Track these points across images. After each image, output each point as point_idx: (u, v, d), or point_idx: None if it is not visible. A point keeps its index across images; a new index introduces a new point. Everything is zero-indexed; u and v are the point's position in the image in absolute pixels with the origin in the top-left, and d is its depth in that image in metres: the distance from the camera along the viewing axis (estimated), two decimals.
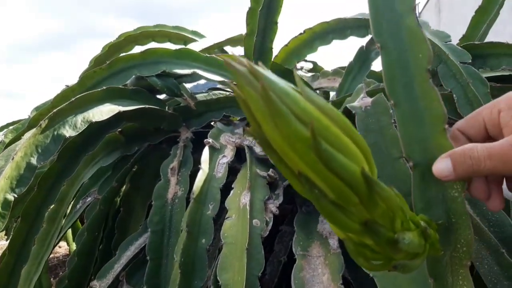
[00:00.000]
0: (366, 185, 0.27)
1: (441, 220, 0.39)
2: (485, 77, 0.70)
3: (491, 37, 0.92)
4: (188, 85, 1.02)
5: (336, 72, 1.13)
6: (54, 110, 0.71)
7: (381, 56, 0.46)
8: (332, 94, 1.10)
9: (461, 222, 0.39)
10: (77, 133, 0.72)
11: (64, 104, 0.72)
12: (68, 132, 0.71)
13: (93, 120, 0.73)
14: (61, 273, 2.23)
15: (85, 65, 1.19)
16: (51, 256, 2.24)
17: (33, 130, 0.70)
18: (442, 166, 0.36)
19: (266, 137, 0.26)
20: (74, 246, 1.51)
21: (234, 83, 0.25)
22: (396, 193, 0.31)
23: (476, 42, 0.81)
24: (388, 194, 0.29)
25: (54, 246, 0.88)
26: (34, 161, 0.69)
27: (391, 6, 0.48)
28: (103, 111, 0.75)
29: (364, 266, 0.33)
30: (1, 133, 1.36)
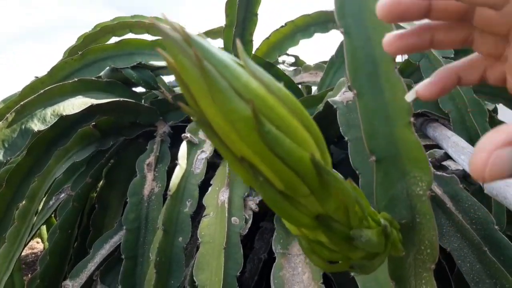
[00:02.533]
0: (316, 174, 0.24)
1: (405, 219, 0.38)
2: None
3: None
4: (167, 79, 0.98)
5: (318, 66, 1.11)
6: (22, 103, 0.67)
7: (344, 42, 0.43)
8: (314, 88, 1.08)
9: (425, 222, 0.37)
10: (47, 126, 0.68)
11: (33, 97, 0.68)
12: (36, 126, 0.68)
13: (64, 114, 0.69)
14: (39, 269, 2.18)
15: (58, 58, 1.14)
16: (28, 252, 2.18)
17: None
18: (504, 163, 0.19)
19: (204, 116, 0.22)
20: (48, 244, 1.47)
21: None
22: (354, 186, 0.29)
23: None
24: (341, 185, 0.26)
25: (26, 244, 0.84)
26: (0, 156, 0.65)
27: None
28: (75, 104, 0.71)
29: (319, 265, 0.31)
30: None
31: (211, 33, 1.16)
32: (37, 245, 2.38)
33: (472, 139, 0.63)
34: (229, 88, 0.21)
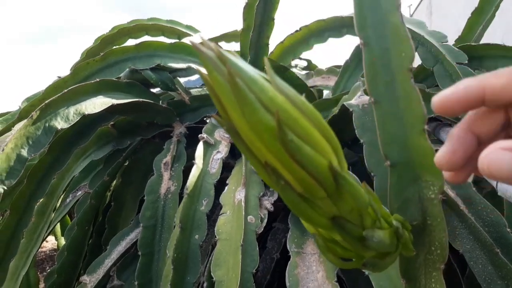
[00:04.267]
0: (333, 179, 0.26)
1: (416, 221, 0.39)
2: None
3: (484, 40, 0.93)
4: (184, 80, 1.01)
5: (331, 70, 1.13)
6: (46, 101, 0.69)
7: (364, 52, 0.46)
8: (326, 92, 1.09)
9: (436, 224, 0.38)
10: (69, 125, 0.70)
11: (56, 96, 0.70)
12: (60, 124, 0.70)
13: (86, 113, 0.71)
14: (47, 267, 2.20)
15: (72, 59, 1.17)
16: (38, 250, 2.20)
17: (24, 121, 0.69)
18: (502, 163, 0.23)
19: (234, 125, 0.25)
20: (62, 241, 1.49)
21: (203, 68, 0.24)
22: (368, 190, 0.31)
23: (472, 43, 0.81)
24: (356, 190, 0.28)
25: (43, 240, 0.86)
26: (24, 153, 0.68)
27: (376, 3, 0.47)
28: (96, 104, 0.73)
29: (334, 262, 0.33)
30: None
31: (226, 37, 1.18)
32: (46, 244, 2.41)
33: None
34: (256, 101, 0.24)
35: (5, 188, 0.66)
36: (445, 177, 0.32)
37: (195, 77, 1.13)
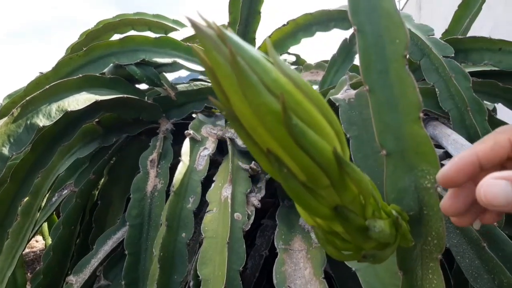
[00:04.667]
0: (337, 166, 0.25)
1: (412, 211, 0.39)
2: (467, 72, 0.70)
3: (470, 33, 0.93)
4: (170, 78, 0.99)
5: (319, 65, 1.12)
6: (27, 98, 0.67)
7: (357, 40, 0.45)
8: (314, 87, 1.09)
9: (432, 214, 0.38)
10: (52, 122, 0.69)
11: (38, 92, 0.68)
12: (42, 121, 0.68)
13: (69, 109, 0.70)
14: (38, 268, 2.18)
15: (58, 55, 1.14)
16: (27, 251, 2.19)
17: (5, 119, 0.67)
18: (497, 190, 0.26)
19: (233, 110, 0.24)
20: (50, 241, 1.48)
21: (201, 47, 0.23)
22: (369, 180, 0.30)
23: (459, 37, 0.81)
24: (360, 177, 0.27)
25: (29, 240, 0.85)
26: (5, 151, 0.66)
27: None
28: (80, 100, 0.72)
29: (333, 254, 0.32)
30: None
31: None
32: (36, 244, 2.39)
33: (472, 138, 0.64)
34: (259, 82, 0.22)
35: None
36: (452, 221, 0.34)
37: (185, 73, 1.12)
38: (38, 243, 2.40)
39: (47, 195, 0.92)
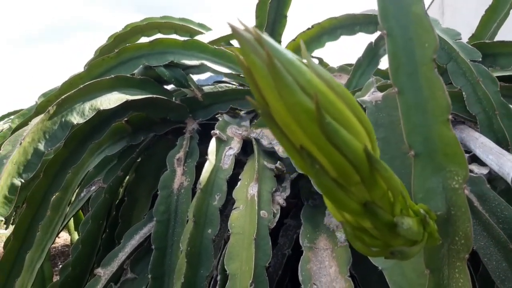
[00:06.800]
0: (368, 163, 0.26)
1: (440, 211, 0.39)
2: (495, 76, 0.70)
3: (497, 38, 0.92)
4: (197, 77, 1.01)
5: (342, 68, 1.13)
6: (62, 97, 0.70)
7: (387, 43, 0.46)
8: None
9: (460, 214, 0.38)
10: (85, 120, 0.72)
11: (73, 91, 0.71)
12: (76, 119, 0.71)
13: (101, 108, 0.72)
14: (59, 263, 2.23)
15: (80, 58, 1.18)
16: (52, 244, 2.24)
17: (41, 116, 0.70)
18: None
19: (269, 109, 0.25)
20: (75, 235, 1.51)
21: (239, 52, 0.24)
22: (398, 179, 0.31)
23: (486, 41, 0.81)
24: (390, 175, 0.28)
25: (58, 234, 0.88)
26: (41, 147, 0.69)
27: None
28: (111, 99, 0.75)
29: (362, 250, 0.33)
30: (4, 120, 1.35)
31: None
32: (58, 240, 2.44)
33: (499, 141, 0.64)
34: (294, 83, 0.24)
35: (22, 181, 0.67)
36: None
37: (205, 75, 1.14)
38: (59, 239, 2.46)
39: (76, 191, 0.95)
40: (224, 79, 1.15)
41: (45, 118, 0.70)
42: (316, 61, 1.38)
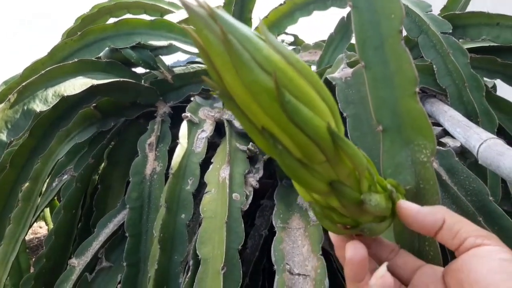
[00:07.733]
0: (331, 141, 0.26)
1: (409, 185, 0.39)
2: (465, 48, 0.69)
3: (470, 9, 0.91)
4: (168, 62, 0.98)
5: (318, 45, 1.11)
6: (23, 84, 0.67)
7: (352, 16, 0.45)
8: (313, 68, 1.08)
9: (428, 188, 0.38)
10: (48, 107, 0.69)
11: (34, 77, 0.68)
12: (38, 106, 0.68)
13: (65, 94, 0.69)
14: (44, 249, 2.21)
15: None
16: (31, 237, 2.21)
17: (2, 105, 0.67)
18: None
19: (227, 89, 0.24)
20: (52, 225, 1.49)
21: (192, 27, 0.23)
22: (364, 155, 0.31)
23: (457, 12, 0.80)
24: (354, 152, 0.27)
25: (31, 225, 0.86)
26: (3, 137, 0.66)
27: None
28: (76, 85, 0.72)
29: (331, 229, 0.33)
30: None
31: None
32: (40, 230, 2.41)
33: (469, 114, 0.64)
34: (251, 60, 0.22)
35: None
36: None
37: (184, 57, 1.11)
38: (41, 229, 2.43)
39: (47, 180, 0.92)
40: (198, 59, 1.12)
41: (5, 107, 0.67)
42: (291, 38, 1.36)
